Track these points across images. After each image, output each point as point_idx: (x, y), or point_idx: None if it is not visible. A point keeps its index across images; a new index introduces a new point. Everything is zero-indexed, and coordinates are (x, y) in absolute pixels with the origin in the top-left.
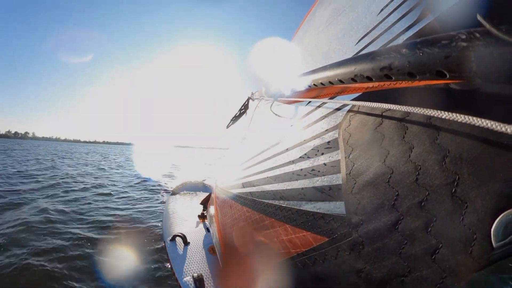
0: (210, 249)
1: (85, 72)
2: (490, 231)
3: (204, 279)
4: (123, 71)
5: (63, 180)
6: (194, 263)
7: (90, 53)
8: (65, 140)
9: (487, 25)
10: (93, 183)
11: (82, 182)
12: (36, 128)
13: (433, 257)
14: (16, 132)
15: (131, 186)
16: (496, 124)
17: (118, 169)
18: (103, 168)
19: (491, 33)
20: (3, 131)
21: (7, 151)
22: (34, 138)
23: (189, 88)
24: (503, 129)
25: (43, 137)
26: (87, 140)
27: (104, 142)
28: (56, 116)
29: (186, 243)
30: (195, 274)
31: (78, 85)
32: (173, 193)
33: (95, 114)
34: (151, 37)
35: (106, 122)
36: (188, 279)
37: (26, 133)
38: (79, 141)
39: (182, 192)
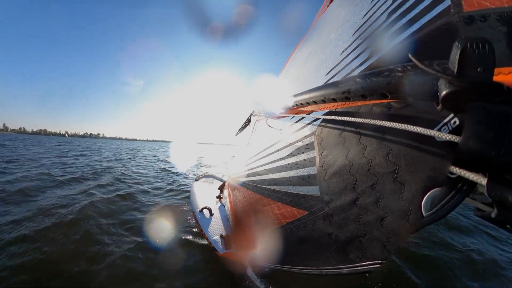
0: (226, 219)
1: (140, 92)
2: (421, 204)
3: (227, 239)
4: (165, 88)
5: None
6: (219, 227)
7: (143, 79)
8: (126, 139)
9: (415, 61)
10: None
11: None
12: (105, 130)
13: (381, 223)
14: (91, 134)
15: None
16: (423, 129)
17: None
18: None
19: (418, 66)
20: (81, 132)
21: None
22: (104, 137)
23: (212, 99)
24: (428, 132)
25: (110, 137)
26: (141, 139)
27: (153, 140)
28: (120, 120)
29: (211, 213)
30: (223, 234)
31: (134, 98)
32: (196, 179)
33: (146, 118)
34: (183, 66)
35: (153, 124)
36: (217, 237)
37: (98, 134)
38: (135, 139)
39: (202, 180)
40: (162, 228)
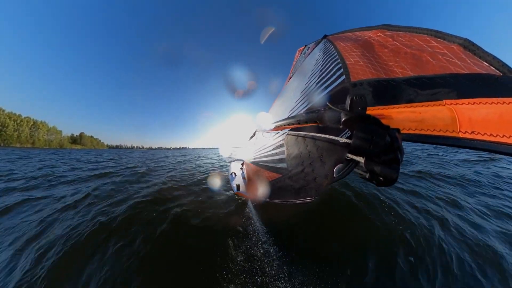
0: (243, 178)
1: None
2: (333, 171)
3: (240, 187)
4: (216, 116)
5: None
6: (237, 181)
7: (209, 112)
8: (197, 148)
9: (330, 105)
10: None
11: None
12: (190, 143)
13: (315, 180)
14: (182, 147)
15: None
16: (334, 137)
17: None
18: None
19: (331, 108)
20: (178, 146)
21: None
22: (189, 148)
23: (238, 122)
24: (336, 138)
25: (193, 148)
26: (203, 147)
27: (209, 147)
28: (195, 134)
29: (235, 175)
30: (238, 184)
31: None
32: (232, 161)
33: (203, 133)
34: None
35: (208, 136)
36: (234, 186)
37: (186, 147)
38: (201, 148)
39: (235, 161)
40: (216, 182)
